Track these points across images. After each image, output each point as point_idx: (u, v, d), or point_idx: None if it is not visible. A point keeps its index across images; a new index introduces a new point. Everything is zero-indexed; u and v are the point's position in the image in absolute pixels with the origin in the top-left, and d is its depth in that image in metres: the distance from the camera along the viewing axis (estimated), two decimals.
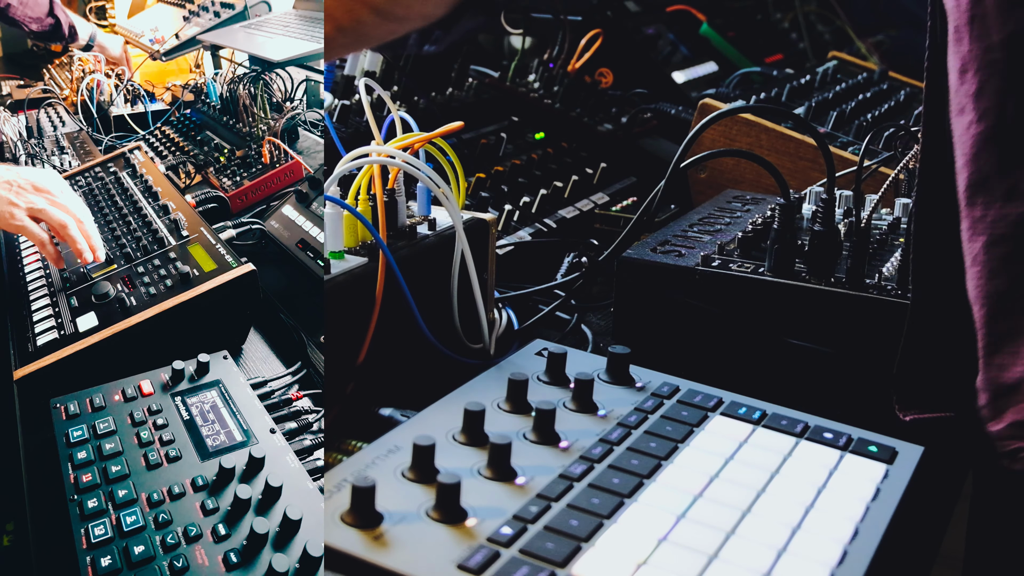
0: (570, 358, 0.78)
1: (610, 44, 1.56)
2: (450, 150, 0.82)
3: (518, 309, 0.94)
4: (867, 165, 1.06)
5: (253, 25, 2.13)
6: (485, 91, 1.41)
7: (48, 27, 2.24)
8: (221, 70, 2.22)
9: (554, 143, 1.36)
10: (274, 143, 1.59)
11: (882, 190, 0.84)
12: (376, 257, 0.75)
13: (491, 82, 1.43)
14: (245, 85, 1.78)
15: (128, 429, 0.88)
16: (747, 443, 0.68)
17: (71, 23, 2.28)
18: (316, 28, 1.87)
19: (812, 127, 0.84)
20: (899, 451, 0.68)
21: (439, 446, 0.62)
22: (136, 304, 1.04)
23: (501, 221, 1.10)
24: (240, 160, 1.63)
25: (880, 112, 1.37)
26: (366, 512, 0.56)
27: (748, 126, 1.20)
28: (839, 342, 0.80)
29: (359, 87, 0.87)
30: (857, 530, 0.59)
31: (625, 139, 1.41)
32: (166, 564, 0.71)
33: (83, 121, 2.04)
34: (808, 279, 0.81)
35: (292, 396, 0.96)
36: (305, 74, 1.87)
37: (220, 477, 0.80)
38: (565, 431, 0.67)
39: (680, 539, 0.57)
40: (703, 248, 0.89)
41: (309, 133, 1.78)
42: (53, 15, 2.23)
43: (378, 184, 0.76)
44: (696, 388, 0.75)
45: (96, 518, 0.76)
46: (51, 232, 1.10)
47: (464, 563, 0.53)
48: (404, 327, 0.74)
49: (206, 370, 0.97)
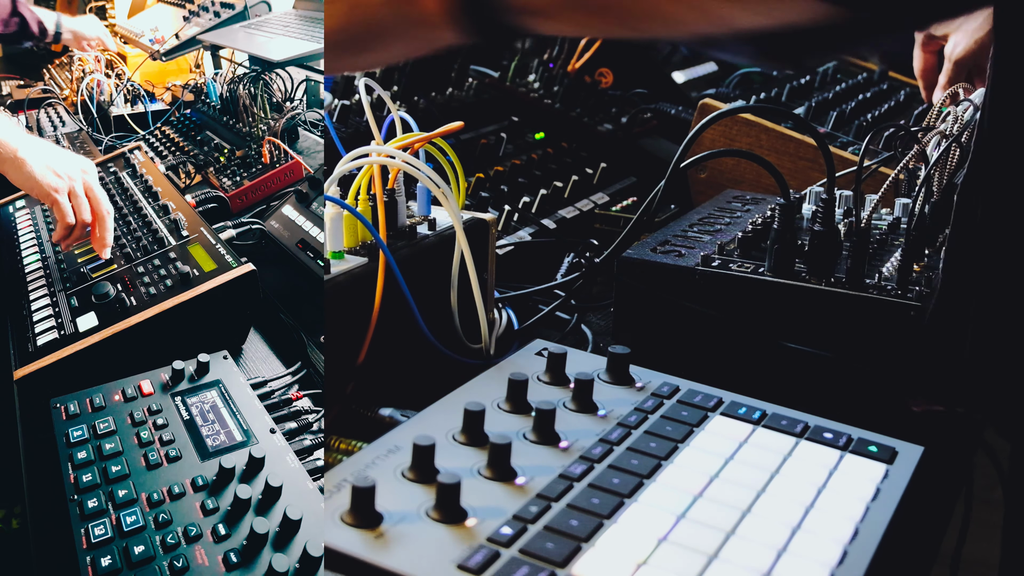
0: (570, 358, 0.78)
1: (610, 44, 1.56)
2: (450, 150, 0.82)
3: (518, 309, 0.94)
4: (867, 165, 1.06)
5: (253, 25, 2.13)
6: (485, 91, 1.41)
7: (15, 27, 2.21)
8: (221, 70, 2.23)
9: (554, 143, 1.36)
10: (274, 143, 1.59)
11: (882, 190, 0.84)
12: (376, 257, 0.75)
13: (491, 82, 1.43)
14: (245, 85, 1.78)
15: (128, 429, 0.88)
16: (747, 443, 0.68)
17: (39, 20, 2.24)
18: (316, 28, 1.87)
19: (812, 127, 0.84)
20: (899, 451, 0.68)
21: (439, 446, 0.62)
22: (136, 304, 1.04)
23: (501, 221, 1.10)
24: (240, 160, 1.63)
25: (880, 112, 1.37)
26: (366, 512, 0.56)
27: (748, 126, 1.20)
28: (839, 342, 0.80)
29: (359, 87, 0.87)
30: (857, 530, 0.59)
31: (625, 139, 1.41)
32: (166, 564, 0.71)
33: (83, 121, 2.04)
34: (808, 279, 0.81)
35: (292, 396, 0.96)
36: (305, 74, 1.87)
37: (220, 477, 0.80)
38: (565, 431, 0.67)
39: (680, 539, 0.57)
40: (703, 248, 0.89)
41: (309, 133, 1.78)
42: (17, 14, 2.20)
43: (378, 184, 0.76)
44: (696, 388, 0.75)
45: (96, 518, 0.76)
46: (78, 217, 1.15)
47: (464, 563, 0.53)
48: (404, 327, 0.74)
49: (206, 370, 0.97)
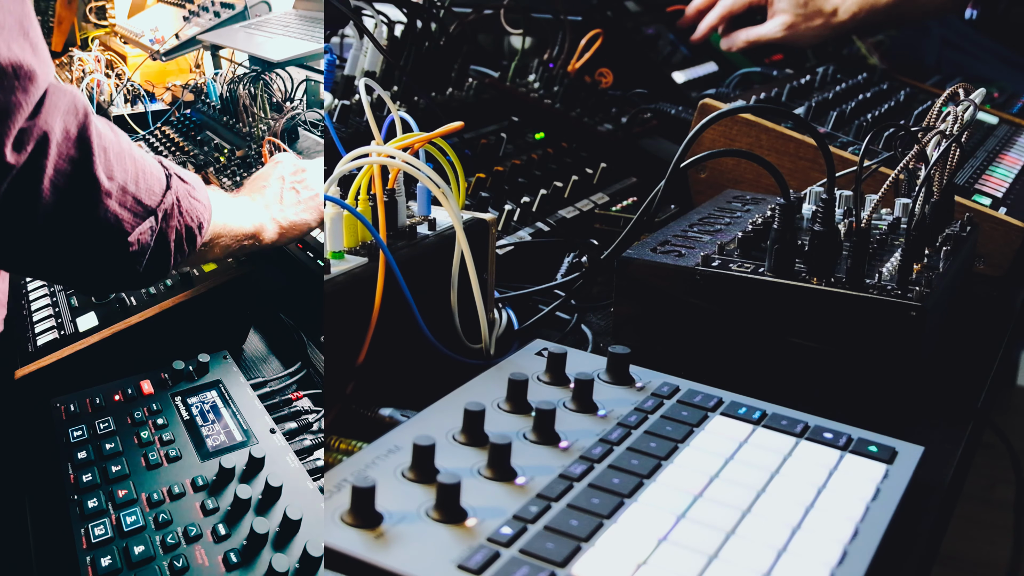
0: (570, 358, 0.78)
1: (610, 44, 1.55)
2: (450, 150, 0.82)
3: (518, 309, 0.94)
4: (867, 165, 1.06)
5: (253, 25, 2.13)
6: (485, 91, 1.41)
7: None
8: (221, 70, 2.22)
9: (554, 143, 1.36)
10: (274, 143, 1.59)
11: (882, 190, 0.84)
12: (376, 257, 0.75)
13: (491, 82, 1.43)
14: (245, 85, 1.78)
15: (128, 429, 0.88)
16: (747, 443, 0.68)
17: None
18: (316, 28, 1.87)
19: (812, 127, 0.84)
20: (899, 451, 0.68)
21: (439, 446, 0.62)
22: (136, 304, 1.04)
23: (501, 221, 1.10)
24: (240, 160, 1.63)
25: (880, 112, 1.37)
26: (366, 512, 0.56)
27: (748, 126, 1.20)
28: (839, 342, 0.80)
29: (359, 87, 0.87)
30: (857, 530, 0.59)
31: (625, 139, 1.40)
32: (166, 564, 0.71)
33: None
34: (808, 279, 0.81)
35: (292, 396, 0.96)
36: (305, 74, 1.87)
37: (220, 477, 0.80)
38: (565, 431, 0.67)
39: (680, 539, 0.57)
40: (703, 248, 0.89)
41: (309, 133, 1.78)
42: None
43: (378, 184, 0.76)
44: (696, 388, 0.75)
45: (96, 518, 0.76)
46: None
47: (464, 563, 0.53)
48: (404, 327, 0.74)
49: (206, 370, 0.97)
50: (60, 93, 0.70)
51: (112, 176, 0.73)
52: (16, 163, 0.67)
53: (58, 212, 0.70)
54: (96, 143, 0.72)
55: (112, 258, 0.75)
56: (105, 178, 0.72)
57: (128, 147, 0.76)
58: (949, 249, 0.90)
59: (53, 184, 0.69)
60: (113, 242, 0.74)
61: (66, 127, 0.70)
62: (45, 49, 0.70)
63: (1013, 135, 1.48)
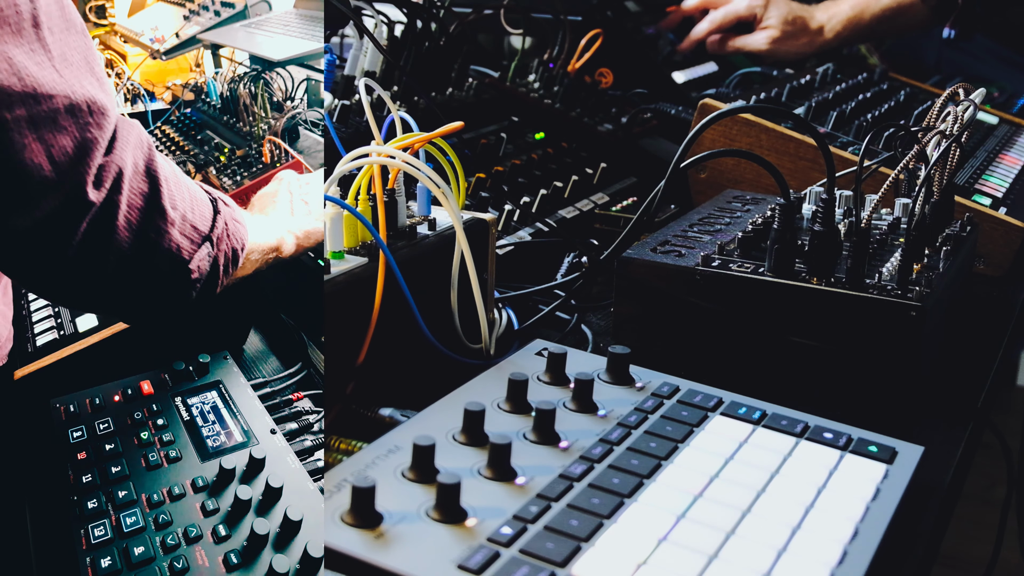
0: (570, 358, 0.78)
1: (610, 44, 1.55)
2: (450, 150, 0.82)
3: (518, 309, 0.94)
4: (867, 165, 1.06)
5: (253, 24, 2.13)
6: (485, 91, 1.41)
7: None
8: (221, 69, 2.22)
9: (554, 143, 1.36)
10: (275, 142, 1.59)
11: (882, 190, 0.83)
12: (376, 257, 0.75)
13: (491, 82, 1.43)
14: (245, 84, 1.78)
15: (128, 430, 0.88)
16: (747, 443, 0.68)
17: None
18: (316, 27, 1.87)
19: (812, 127, 0.84)
20: (899, 451, 0.68)
21: (439, 446, 0.62)
22: None
23: (501, 221, 1.10)
24: (241, 159, 1.63)
25: (880, 112, 1.37)
26: (366, 512, 0.56)
27: (748, 126, 1.20)
28: (839, 342, 0.80)
29: (359, 87, 0.87)
30: (857, 530, 0.59)
31: (625, 139, 1.40)
32: (166, 565, 0.71)
33: None
34: (808, 279, 0.81)
35: (292, 397, 0.96)
36: (305, 73, 1.87)
37: (220, 478, 0.80)
38: (565, 431, 0.67)
39: (680, 539, 0.57)
40: (703, 248, 0.89)
41: (310, 132, 1.78)
42: None
43: (378, 184, 0.76)
44: (696, 388, 0.75)
45: (96, 519, 0.76)
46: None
47: (464, 563, 0.53)
48: (404, 327, 0.74)
49: (206, 370, 0.97)
50: (128, 127, 0.70)
51: (175, 206, 0.73)
52: (97, 200, 0.67)
53: (131, 246, 0.70)
54: (161, 174, 0.72)
55: (173, 287, 0.75)
56: (170, 208, 0.73)
57: (180, 174, 0.76)
58: (949, 249, 0.90)
59: (127, 219, 0.69)
60: (177, 271, 0.74)
61: (135, 160, 0.70)
62: (109, 83, 0.71)
63: (1013, 135, 1.48)
